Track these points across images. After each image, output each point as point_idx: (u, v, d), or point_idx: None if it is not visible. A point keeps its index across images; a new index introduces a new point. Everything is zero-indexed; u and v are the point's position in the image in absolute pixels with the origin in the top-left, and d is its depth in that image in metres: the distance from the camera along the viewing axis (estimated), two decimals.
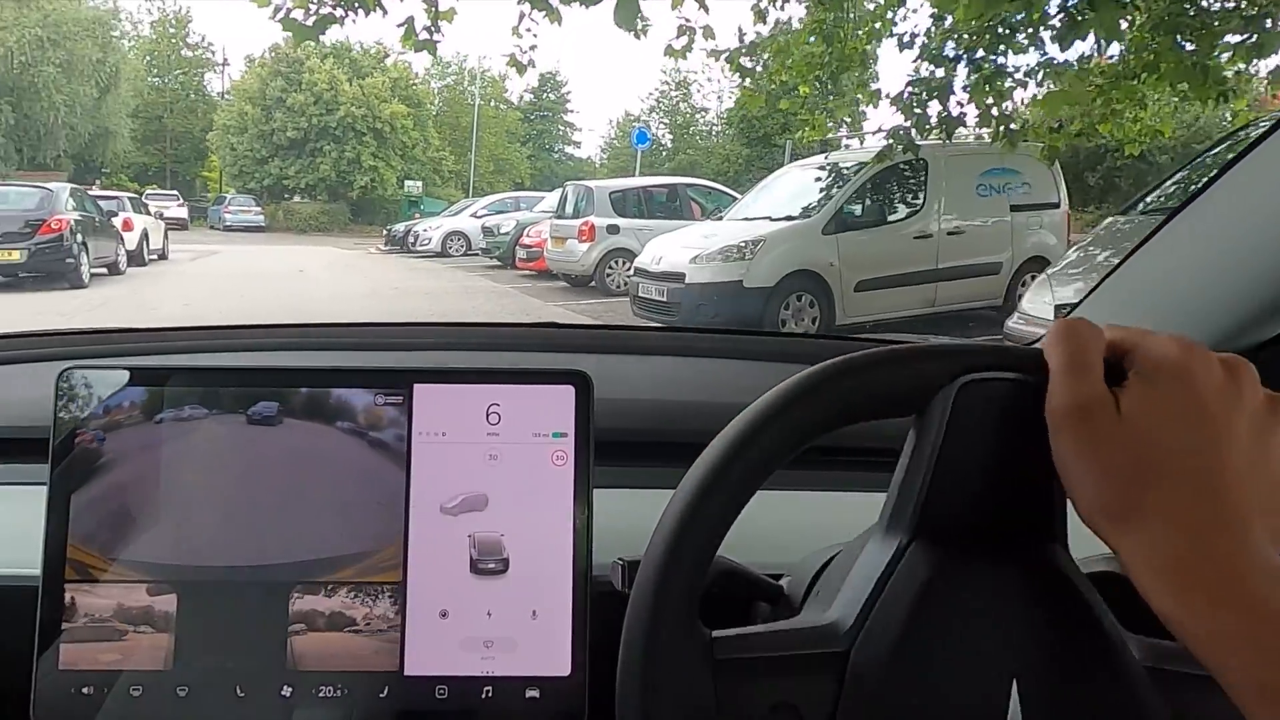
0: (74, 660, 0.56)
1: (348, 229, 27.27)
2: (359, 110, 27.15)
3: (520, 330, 1.15)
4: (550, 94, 43.31)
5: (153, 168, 35.63)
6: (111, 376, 0.58)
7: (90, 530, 0.57)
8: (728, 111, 36.17)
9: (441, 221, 17.27)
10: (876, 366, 0.44)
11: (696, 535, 0.43)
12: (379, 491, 0.58)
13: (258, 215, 25.97)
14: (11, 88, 27.49)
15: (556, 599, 0.58)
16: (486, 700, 0.57)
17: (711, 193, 10.80)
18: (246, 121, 27.28)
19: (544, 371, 0.60)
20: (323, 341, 1.03)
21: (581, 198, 9.90)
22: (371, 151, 27.58)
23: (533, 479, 0.59)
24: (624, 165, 36.26)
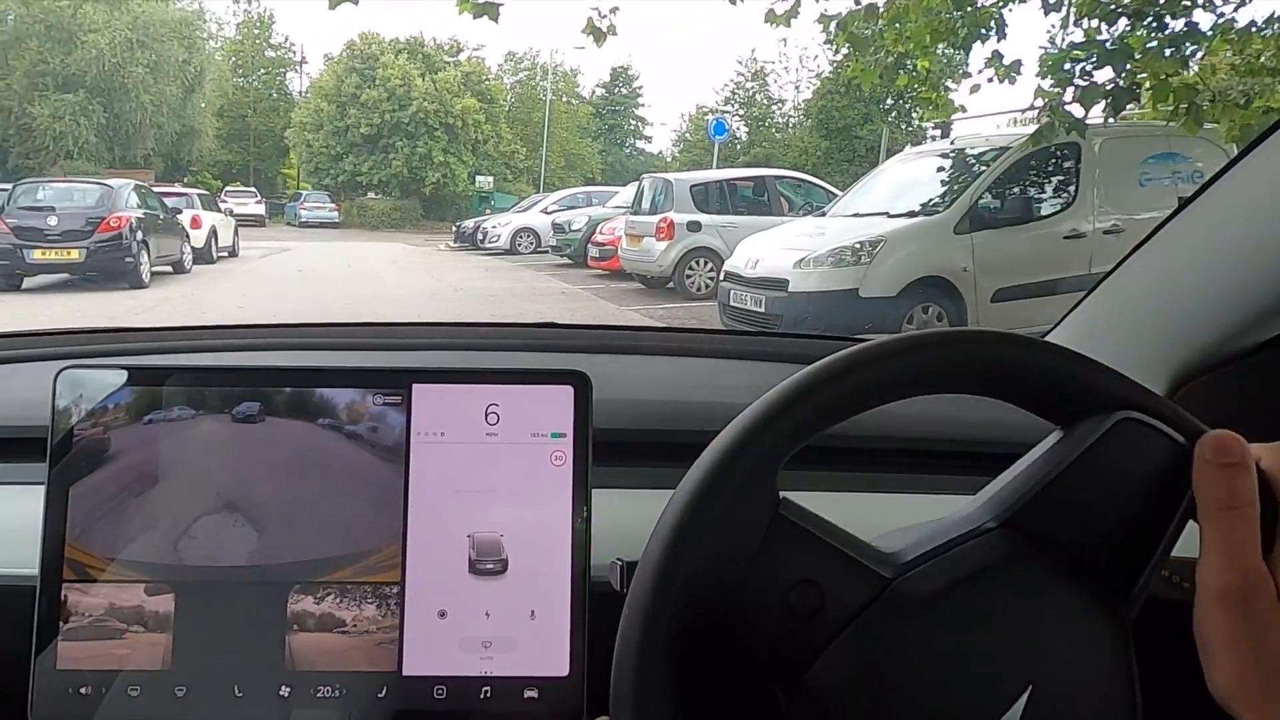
0: (72, 660, 0.56)
1: (419, 225, 27.24)
2: (431, 105, 27.01)
3: (519, 330, 1.12)
4: (622, 88, 43.33)
5: (236, 165, 36.54)
6: (110, 376, 0.58)
7: (88, 530, 0.57)
8: (806, 102, 34.88)
9: (510, 218, 16.74)
10: (1032, 362, 0.45)
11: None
12: (378, 492, 0.58)
13: (332, 212, 26.09)
14: (103, 88, 28.36)
15: (555, 599, 0.58)
16: (485, 700, 0.57)
17: (801, 186, 9.80)
18: (322, 118, 27.49)
19: (543, 371, 0.60)
20: (323, 341, 1.03)
21: (659, 192, 9.06)
22: (443, 147, 27.43)
23: (531, 479, 0.59)
24: (697, 159, 35.50)
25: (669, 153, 45.56)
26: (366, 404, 0.59)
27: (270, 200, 29.23)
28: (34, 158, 28.35)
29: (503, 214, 18.36)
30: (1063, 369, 0.45)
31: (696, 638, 0.44)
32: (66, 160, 28.21)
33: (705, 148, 36.97)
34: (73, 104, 27.83)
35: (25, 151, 28.43)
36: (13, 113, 28.03)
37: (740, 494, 0.43)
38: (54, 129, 27.77)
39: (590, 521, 0.59)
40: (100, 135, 28.80)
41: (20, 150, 28.47)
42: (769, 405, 0.44)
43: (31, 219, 8.37)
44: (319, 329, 1.05)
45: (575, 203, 16.24)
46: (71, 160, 28.17)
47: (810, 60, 48.81)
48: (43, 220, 8.35)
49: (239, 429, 0.58)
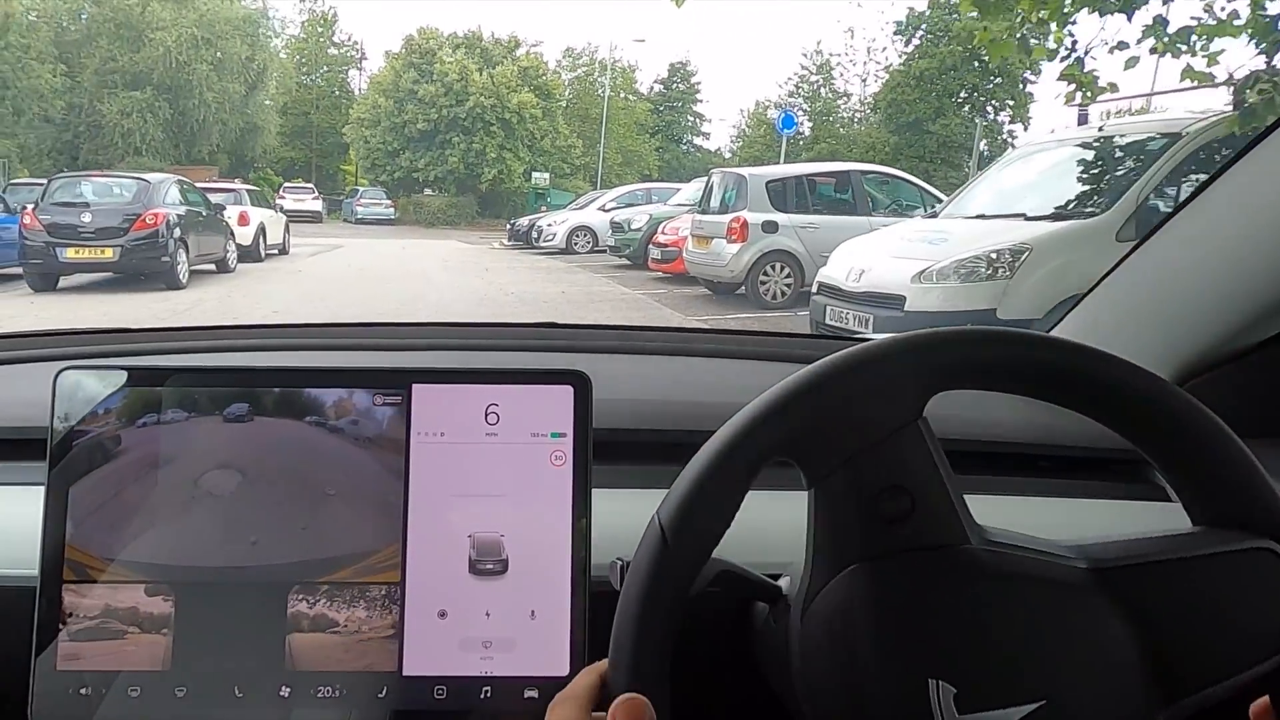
0: (72, 661, 0.56)
1: (475, 222, 26.91)
2: (488, 100, 26.60)
3: (519, 330, 1.12)
4: (680, 84, 43.05)
5: (299, 162, 36.91)
6: (109, 377, 0.58)
7: (88, 530, 0.57)
8: (873, 96, 33.44)
9: (567, 215, 16.05)
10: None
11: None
12: (378, 492, 0.58)
13: (388, 208, 25.88)
14: (169, 85, 28.72)
15: (555, 599, 0.58)
16: (485, 700, 0.57)
17: (888, 182, 8.79)
18: (380, 114, 27.29)
19: (543, 371, 0.59)
20: (323, 341, 1.03)
21: (731, 189, 8.15)
22: (499, 143, 27.00)
23: (531, 479, 0.59)
24: (757, 155, 34.47)
25: (727, 149, 45.54)
26: (354, 401, 0.59)
27: (330, 197, 29.32)
28: (103, 154, 28.84)
29: (559, 211, 17.71)
30: (1243, 466, 0.46)
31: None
32: (134, 156, 28.64)
33: (766, 143, 35.94)
34: (140, 101, 28.24)
35: (95, 148, 28.95)
36: (83, 110, 28.57)
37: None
38: (122, 125, 28.22)
39: (590, 521, 0.58)
40: (166, 132, 29.19)
41: (90, 147, 29.01)
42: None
43: (65, 215, 7.92)
44: (319, 329, 1.06)
45: (634, 200, 15.48)
46: (139, 156, 28.59)
47: (878, 52, 47.39)
48: (76, 217, 7.90)
49: (240, 430, 0.58)
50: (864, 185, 8.16)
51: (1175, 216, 0.80)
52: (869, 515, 0.47)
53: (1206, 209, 0.78)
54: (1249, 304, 0.74)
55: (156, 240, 8.11)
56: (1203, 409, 0.47)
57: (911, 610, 0.46)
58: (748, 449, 0.47)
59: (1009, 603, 0.46)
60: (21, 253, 7.83)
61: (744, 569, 0.54)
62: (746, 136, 38.31)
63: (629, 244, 11.61)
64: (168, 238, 8.19)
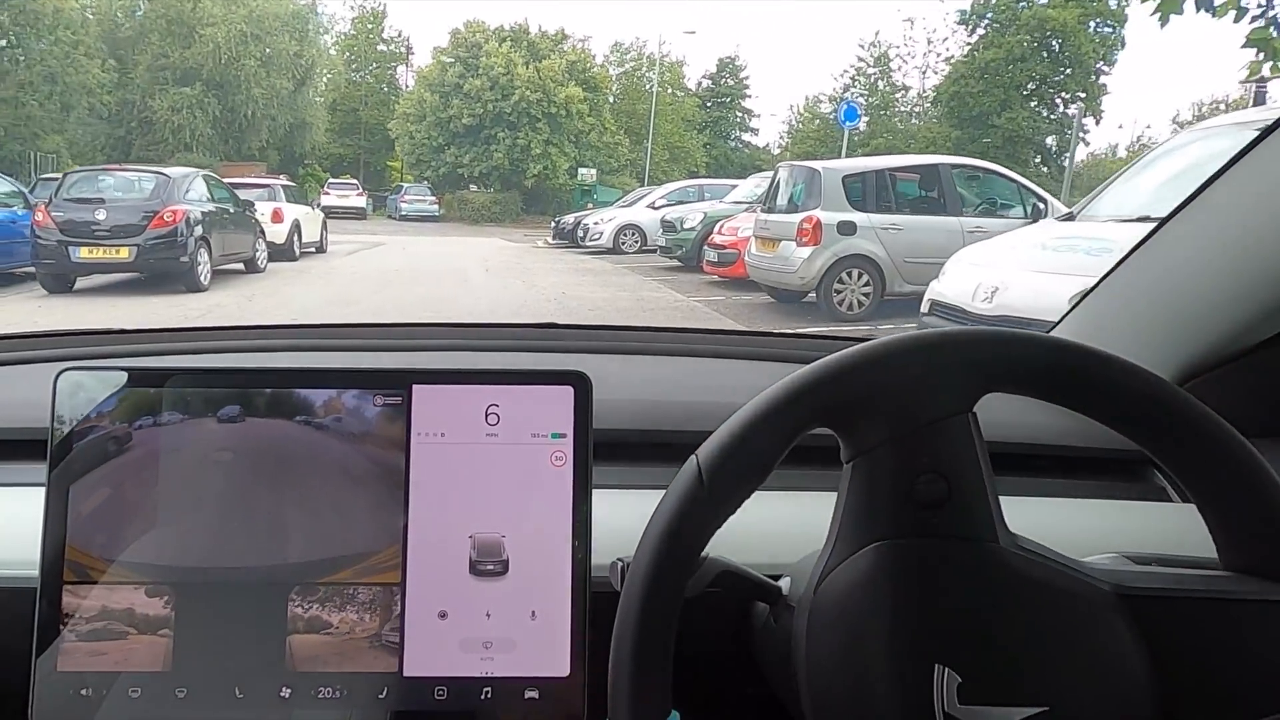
0: (73, 662, 0.56)
1: (519, 219, 26.37)
2: (534, 94, 25.95)
3: (519, 330, 1.10)
4: (728, 79, 42.63)
5: (347, 159, 37.14)
6: (110, 378, 0.58)
7: (88, 531, 0.57)
8: (934, 89, 31.99)
9: (614, 213, 15.28)
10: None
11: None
12: (378, 493, 0.58)
13: (432, 205, 25.44)
14: (218, 82, 28.74)
15: (555, 600, 0.58)
16: (485, 701, 0.57)
17: (979, 177, 7.76)
18: (425, 109, 26.85)
19: (543, 372, 0.59)
20: (323, 342, 1.03)
21: (801, 184, 7.20)
22: (544, 138, 26.35)
23: (532, 480, 0.58)
24: (810, 151, 33.38)
25: (775, 144, 45.16)
26: (342, 400, 0.58)
27: (377, 193, 29.12)
28: (154, 149, 28.97)
29: (605, 209, 16.97)
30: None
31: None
32: (184, 152, 28.69)
33: (819, 138, 34.82)
34: (189, 97, 28.27)
35: (146, 144, 29.11)
36: (135, 106, 28.73)
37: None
38: (172, 121, 28.28)
39: (590, 522, 0.58)
40: (215, 128, 29.22)
41: (142, 143, 29.19)
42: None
43: (80, 212, 7.38)
44: (320, 329, 1.06)
45: (685, 197, 14.68)
46: (189, 152, 28.64)
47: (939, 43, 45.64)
48: (91, 214, 7.34)
49: (241, 431, 0.58)
50: (954, 181, 7.15)
51: (1175, 216, 0.79)
52: (903, 496, 0.48)
53: (1207, 209, 0.77)
54: (1250, 304, 0.73)
55: (175, 239, 7.52)
56: (1256, 456, 0.46)
57: (930, 595, 0.47)
58: (796, 408, 0.47)
59: (1028, 607, 0.46)
60: (33, 252, 7.30)
61: (744, 569, 0.54)
62: (798, 132, 37.11)
63: (681, 244, 10.77)
64: (187, 236, 7.60)
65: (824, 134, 35.01)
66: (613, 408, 0.70)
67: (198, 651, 0.56)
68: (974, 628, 0.46)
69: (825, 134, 34.74)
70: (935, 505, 0.47)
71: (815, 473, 0.71)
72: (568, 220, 16.75)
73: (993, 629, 0.46)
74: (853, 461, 0.49)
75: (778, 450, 0.47)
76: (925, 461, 0.47)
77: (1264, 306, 0.72)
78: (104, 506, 0.56)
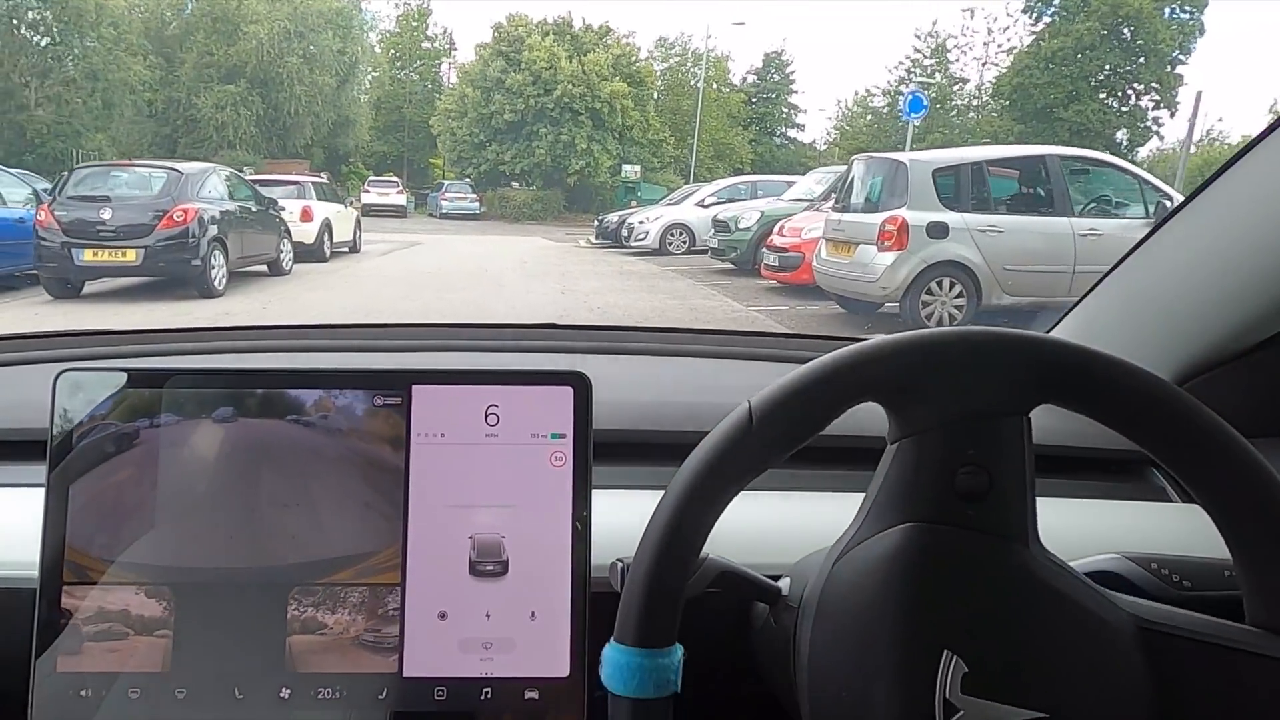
0: (72, 663, 0.56)
1: (561, 217, 25.72)
2: (577, 89, 25.22)
3: (519, 330, 1.09)
4: (774, 74, 41.93)
5: (391, 156, 37.28)
6: (110, 378, 0.57)
7: (88, 532, 0.56)
8: (995, 80, 30.49)
9: (661, 211, 14.46)
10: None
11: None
12: (378, 493, 0.58)
13: (473, 202, 24.89)
14: (261, 79, 28.60)
15: (555, 600, 0.57)
16: (485, 701, 0.57)
17: (1088, 171, 6.70)
18: (467, 105, 26.30)
19: (542, 373, 0.60)
20: (323, 343, 1.03)
21: (880, 179, 6.29)
22: (587, 134, 25.60)
23: (531, 480, 0.58)
24: (861, 145, 32.17)
25: (821, 141, 44.40)
26: (332, 399, 0.58)
27: (420, 191, 28.79)
28: (199, 148, 28.95)
29: (651, 207, 16.17)
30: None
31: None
32: (228, 150, 28.65)
33: (872, 133, 33.59)
34: (233, 94, 28.14)
35: (191, 142, 29.13)
36: (181, 104, 28.74)
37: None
38: (216, 119, 28.20)
39: (590, 522, 0.58)
40: (259, 126, 29.09)
41: (187, 140, 29.22)
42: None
43: (85, 211, 6.79)
44: (319, 330, 1.06)
45: (736, 194, 13.86)
46: (232, 150, 28.57)
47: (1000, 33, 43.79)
48: (96, 213, 6.74)
49: (240, 431, 0.57)
50: (1064, 175, 6.13)
51: (1175, 216, 0.79)
52: (944, 483, 0.48)
53: (1206, 208, 0.77)
54: (1249, 304, 0.73)
55: (186, 240, 6.89)
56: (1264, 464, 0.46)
57: (953, 583, 0.47)
58: (854, 375, 0.47)
59: (1046, 616, 0.46)
60: (36, 255, 6.72)
61: (744, 570, 0.54)
62: (846, 131, 35.82)
63: (735, 246, 9.90)
64: (199, 237, 6.96)
65: (877, 129, 33.75)
66: (612, 408, 0.71)
67: (197, 652, 0.56)
68: (990, 624, 0.46)
69: (879, 128, 33.47)
70: (974, 498, 0.47)
71: (815, 473, 0.72)
72: (611, 219, 15.99)
73: (1008, 629, 0.46)
74: (899, 442, 0.49)
75: (828, 410, 0.47)
76: (971, 454, 0.47)
77: (1262, 306, 0.72)
78: (104, 507, 0.56)
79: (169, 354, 0.94)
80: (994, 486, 0.47)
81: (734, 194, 13.92)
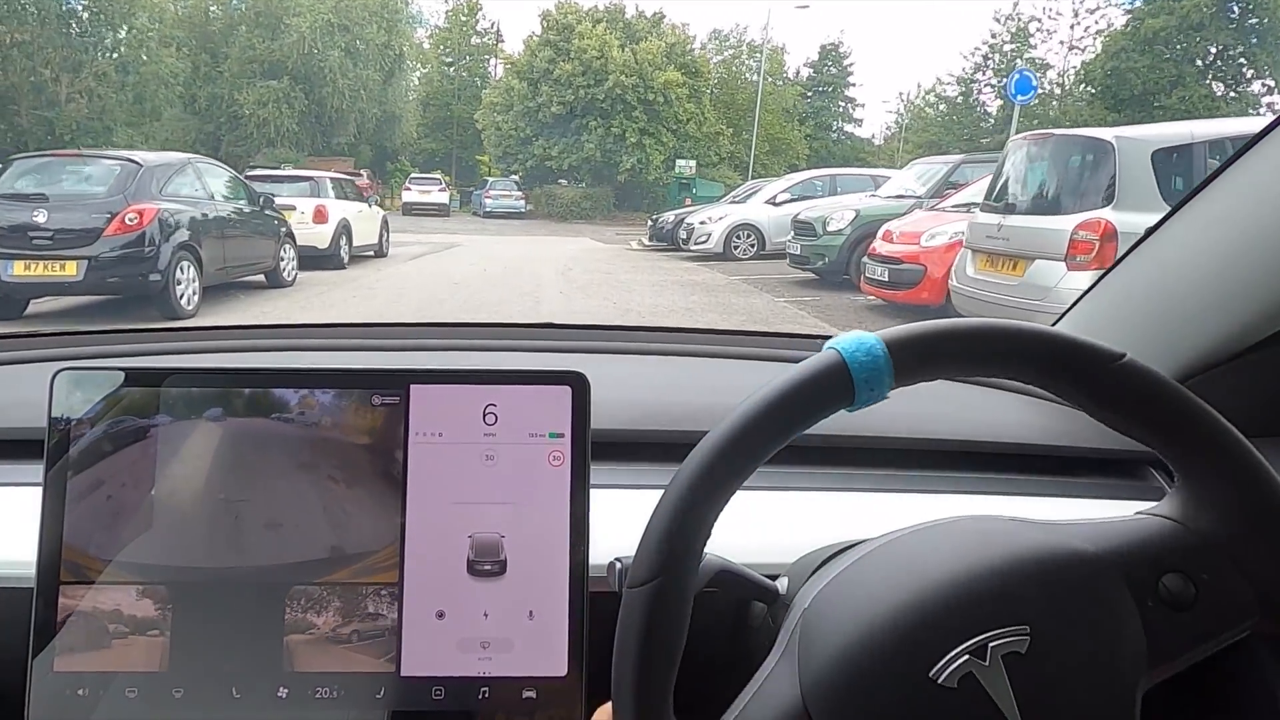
0: (69, 662, 0.55)
1: (611, 215, 24.19)
2: (629, 79, 23.55)
3: (517, 330, 1.09)
4: (831, 67, 40.65)
5: (439, 154, 36.51)
6: (107, 377, 0.57)
7: (85, 531, 0.56)
8: (1083, 66, 27.92)
9: (725, 210, 12.77)
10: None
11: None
12: (376, 493, 0.58)
13: (518, 200, 23.52)
14: (304, 74, 27.65)
15: (553, 600, 0.57)
16: (483, 701, 0.57)
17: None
18: (513, 98, 24.81)
19: (541, 372, 0.59)
20: (321, 342, 1.03)
21: (1068, 165, 4.52)
22: (639, 127, 23.93)
23: (530, 480, 0.58)
24: (933, 139, 29.98)
25: (880, 136, 43.52)
26: (316, 398, 0.58)
27: (467, 189, 27.59)
28: (241, 145, 28.23)
29: (710, 205, 14.52)
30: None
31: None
32: (269, 148, 27.83)
33: (945, 124, 31.34)
34: (276, 91, 27.20)
35: (234, 139, 28.40)
36: (224, 100, 27.97)
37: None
38: (258, 115, 27.30)
39: (588, 521, 0.58)
40: (302, 123, 28.13)
41: (230, 138, 28.49)
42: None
43: (19, 212, 5.40)
44: (318, 329, 1.05)
45: (811, 190, 12.25)
46: (274, 148, 27.74)
47: (1087, 15, 40.76)
48: (29, 215, 5.34)
49: (238, 431, 0.57)
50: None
51: (1175, 215, 0.79)
52: None
53: (1207, 207, 0.77)
54: (1249, 303, 0.73)
55: (142, 248, 5.48)
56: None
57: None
58: (995, 343, 0.46)
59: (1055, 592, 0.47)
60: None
61: (743, 569, 0.54)
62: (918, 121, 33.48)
63: (823, 253, 8.19)
64: (159, 244, 5.54)
65: (949, 120, 31.41)
66: (611, 407, 0.71)
67: (194, 652, 0.55)
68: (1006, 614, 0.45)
69: (953, 120, 31.13)
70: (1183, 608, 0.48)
71: (815, 472, 0.73)
72: (667, 218, 14.40)
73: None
74: None
75: (960, 364, 0.46)
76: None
77: (1263, 305, 0.72)
78: (101, 506, 0.56)
79: (166, 353, 0.94)
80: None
81: (807, 190, 12.27)
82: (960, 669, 0.43)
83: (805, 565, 0.54)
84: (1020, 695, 0.42)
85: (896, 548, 0.50)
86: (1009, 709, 0.42)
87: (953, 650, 0.43)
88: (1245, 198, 0.73)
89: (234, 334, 1.00)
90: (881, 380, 0.44)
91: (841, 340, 0.45)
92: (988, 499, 0.72)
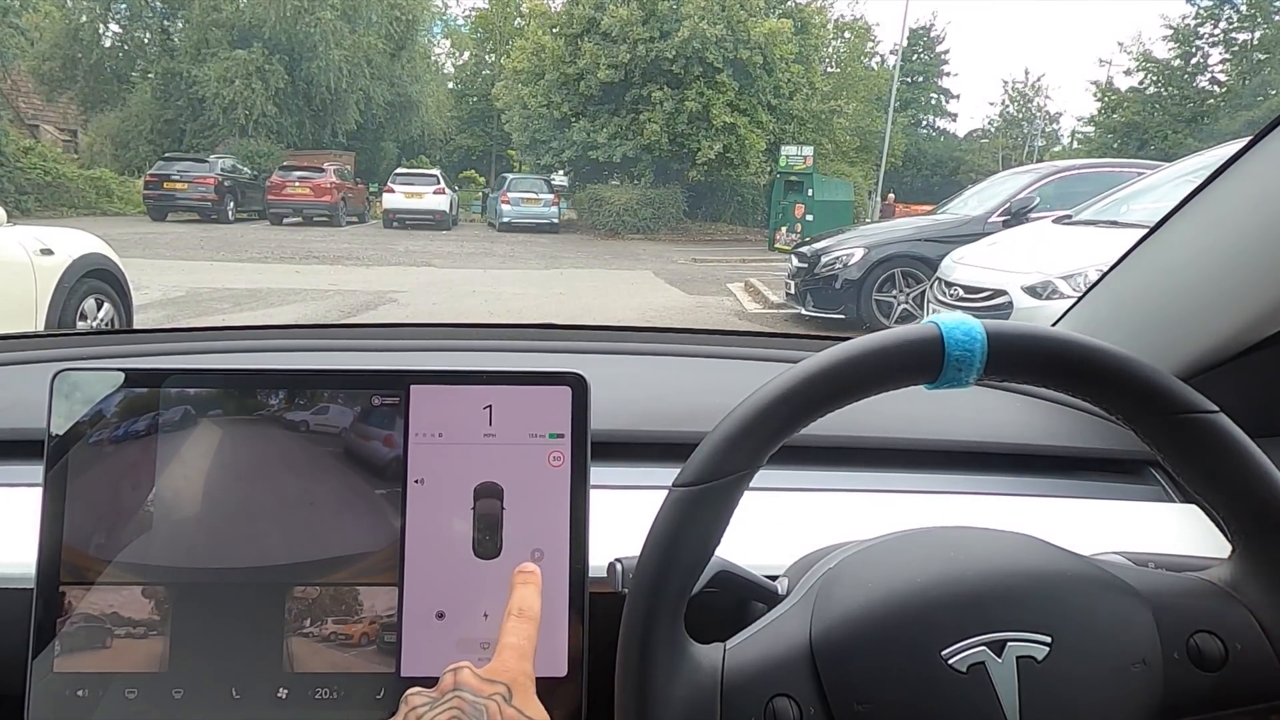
0: (69, 663, 0.56)
1: (681, 228, 17.12)
2: (713, 30, 16.19)
3: (517, 330, 1.10)
4: (922, 53, 35.92)
5: (476, 150, 31.62)
6: (107, 378, 0.58)
7: (85, 532, 0.57)
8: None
9: (984, 246, 5.68)
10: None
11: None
12: (375, 493, 0.59)
13: (548, 206, 16.68)
14: (286, 42, 21.28)
15: (553, 600, 0.58)
16: None
17: None
18: (543, 62, 17.64)
19: (540, 373, 0.60)
20: (321, 343, 1.04)
21: None
22: (728, 100, 16.61)
23: (529, 480, 0.59)
24: (1133, 121, 22.34)
25: (980, 133, 38.47)
26: (341, 401, 0.59)
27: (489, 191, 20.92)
28: (206, 135, 22.11)
29: (857, 228, 7.37)
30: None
31: None
32: (240, 138, 21.60)
33: (1131, 123, 23.57)
34: (245, 63, 20.74)
35: (198, 127, 22.28)
36: (182, 78, 21.82)
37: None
38: (222, 96, 21.03)
39: (588, 522, 0.59)
40: (281, 105, 21.73)
41: (193, 127, 22.34)
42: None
43: None
44: (317, 330, 1.07)
45: (1070, 194, 6.29)
46: (244, 138, 21.50)
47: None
48: None
49: (238, 431, 0.58)
50: None
51: (1176, 214, 0.80)
52: None
53: (1207, 207, 0.77)
54: (1250, 303, 0.73)
55: None
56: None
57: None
58: (1106, 366, 0.47)
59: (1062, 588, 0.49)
60: None
61: (742, 570, 0.55)
62: (1107, 96, 25.37)
63: None
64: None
65: (1142, 114, 23.38)
66: (610, 408, 0.71)
67: (194, 652, 0.56)
68: (1011, 608, 0.47)
69: (1144, 115, 23.14)
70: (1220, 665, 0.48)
71: (815, 473, 0.74)
72: (814, 249, 7.35)
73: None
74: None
75: (1052, 378, 0.48)
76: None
77: (1263, 305, 0.72)
78: (100, 507, 0.57)
79: (166, 354, 0.94)
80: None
81: (1063, 194, 6.32)
82: (973, 657, 0.45)
83: (804, 566, 0.56)
84: (1024, 698, 0.44)
85: (943, 535, 0.52)
86: (1010, 707, 0.44)
87: (972, 637, 0.45)
88: (1245, 198, 0.74)
89: (234, 334, 1.02)
90: (972, 366, 0.46)
91: (945, 318, 0.47)
92: (989, 500, 0.73)
